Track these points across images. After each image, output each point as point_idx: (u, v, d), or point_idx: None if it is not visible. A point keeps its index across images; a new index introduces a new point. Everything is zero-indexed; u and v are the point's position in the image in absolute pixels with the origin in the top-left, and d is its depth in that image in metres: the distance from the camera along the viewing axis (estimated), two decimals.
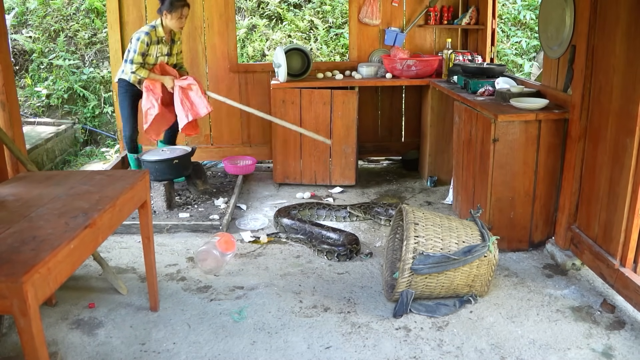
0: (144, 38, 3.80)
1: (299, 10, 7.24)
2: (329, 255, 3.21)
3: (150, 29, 3.85)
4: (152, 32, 3.85)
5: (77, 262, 1.84)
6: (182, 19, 3.84)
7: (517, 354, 2.33)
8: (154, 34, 3.85)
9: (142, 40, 3.80)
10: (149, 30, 3.84)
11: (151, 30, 3.85)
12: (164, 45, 3.93)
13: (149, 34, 3.83)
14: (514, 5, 7.29)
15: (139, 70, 3.83)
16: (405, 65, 4.40)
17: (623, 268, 2.64)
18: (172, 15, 3.80)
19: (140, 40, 3.80)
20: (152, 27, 3.87)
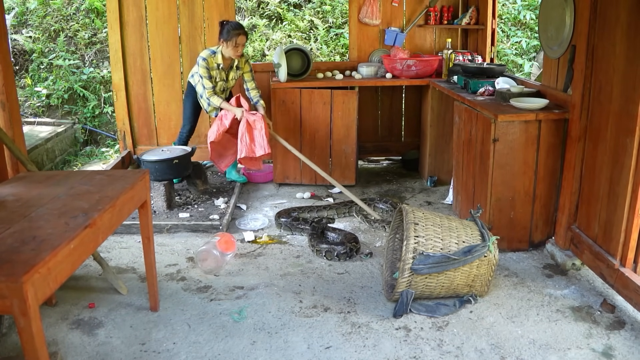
0: (201, 63, 3.95)
1: (299, 10, 7.24)
2: (328, 255, 3.21)
3: (209, 55, 3.98)
4: (210, 58, 3.98)
5: (77, 262, 1.84)
6: (237, 47, 3.92)
7: (517, 354, 2.33)
8: (211, 60, 3.98)
9: (202, 66, 3.94)
10: (206, 56, 3.96)
11: (209, 56, 3.98)
12: (223, 72, 4.02)
13: (206, 60, 3.96)
14: (514, 5, 7.29)
15: (212, 97, 3.97)
16: (405, 65, 4.40)
17: (623, 268, 2.64)
18: (227, 44, 3.90)
19: (200, 65, 3.95)
20: (212, 52, 3.99)
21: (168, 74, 4.76)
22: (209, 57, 3.96)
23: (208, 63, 3.95)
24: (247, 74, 4.16)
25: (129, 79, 4.73)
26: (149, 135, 4.89)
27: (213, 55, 3.98)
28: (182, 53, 4.73)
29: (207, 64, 3.95)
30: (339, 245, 3.23)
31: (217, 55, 3.98)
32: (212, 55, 3.97)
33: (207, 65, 3.95)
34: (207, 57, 3.95)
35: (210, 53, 3.98)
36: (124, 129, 4.80)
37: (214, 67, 3.98)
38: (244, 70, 4.14)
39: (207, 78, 3.95)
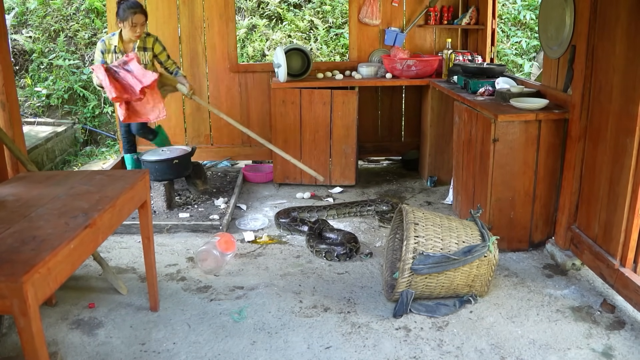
0: (99, 45, 3.83)
1: (299, 10, 7.24)
2: (327, 255, 3.21)
3: (108, 37, 3.83)
4: (108, 40, 3.81)
5: (77, 262, 1.84)
6: (135, 28, 3.70)
7: (517, 354, 2.33)
8: (108, 43, 3.81)
9: (97, 48, 3.83)
10: (105, 38, 3.83)
11: (108, 38, 3.82)
12: (121, 55, 3.77)
13: (104, 42, 3.81)
14: (514, 5, 7.29)
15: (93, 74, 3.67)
16: (405, 65, 4.40)
17: (623, 268, 2.64)
18: (124, 24, 3.70)
19: (97, 47, 3.84)
20: (111, 35, 3.83)
21: None
22: (108, 39, 3.80)
23: (105, 45, 3.79)
24: (162, 55, 3.94)
25: None
26: None
27: (111, 38, 3.80)
28: (182, 53, 4.73)
29: (104, 46, 3.79)
30: (338, 245, 3.23)
31: (114, 37, 3.78)
32: (110, 38, 3.80)
33: (104, 47, 3.79)
34: (106, 39, 3.80)
35: (110, 35, 3.82)
36: None
37: (110, 49, 3.80)
38: (156, 51, 3.91)
39: (97, 61, 3.77)
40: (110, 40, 3.81)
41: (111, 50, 3.81)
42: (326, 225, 3.55)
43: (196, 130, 4.92)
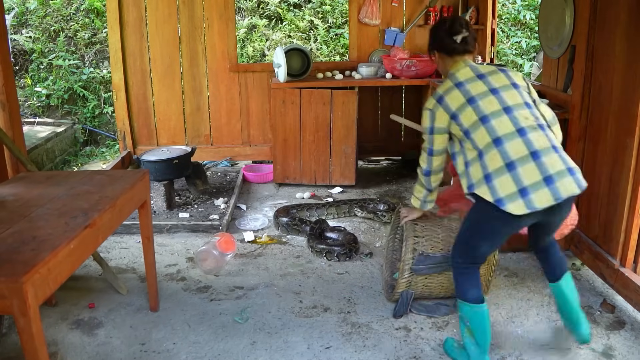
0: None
1: (299, 10, 7.24)
2: (328, 255, 3.21)
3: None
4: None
5: (77, 262, 1.84)
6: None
7: (517, 354, 2.33)
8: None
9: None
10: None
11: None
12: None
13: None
14: (514, 5, 7.29)
15: None
16: (405, 65, 4.40)
17: (623, 268, 2.64)
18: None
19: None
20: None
21: (168, 74, 4.76)
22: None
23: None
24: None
25: (129, 79, 4.73)
26: (148, 136, 4.88)
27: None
28: (182, 53, 4.73)
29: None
30: (338, 246, 3.23)
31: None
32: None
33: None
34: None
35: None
36: (124, 129, 4.79)
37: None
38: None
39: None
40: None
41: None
42: (327, 225, 3.55)
43: (196, 130, 4.92)
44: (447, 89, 2.19)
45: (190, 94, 4.83)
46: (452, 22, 2.25)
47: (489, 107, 2.06)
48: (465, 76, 2.18)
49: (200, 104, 4.86)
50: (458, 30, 2.22)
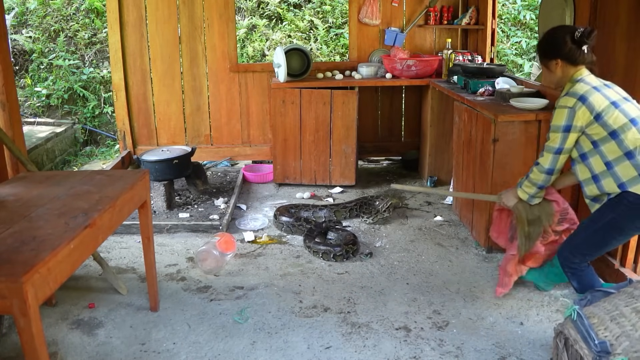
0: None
1: (299, 10, 7.24)
2: (324, 256, 3.21)
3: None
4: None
5: (77, 262, 1.84)
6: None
7: (517, 354, 2.33)
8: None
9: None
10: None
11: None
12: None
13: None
14: (514, 5, 7.29)
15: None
16: (405, 65, 4.40)
17: (623, 268, 2.64)
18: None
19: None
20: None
21: (168, 74, 4.76)
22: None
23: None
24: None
25: (129, 79, 4.73)
26: (148, 135, 4.89)
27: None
28: (182, 53, 4.73)
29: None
30: (336, 246, 3.23)
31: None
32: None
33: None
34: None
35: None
36: (124, 129, 4.79)
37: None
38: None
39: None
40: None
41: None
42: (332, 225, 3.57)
43: (196, 130, 4.92)
44: (587, 90, 2.19)
45: (190, 94, 4.83)
46: (583, 33, 2.25)
47: (632, 111, 2.15)
48: (596, 83, 2.22)
49: (200, 104, 4.86)
50: (587, 41, 2.25)
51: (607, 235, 2.20)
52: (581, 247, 2.26)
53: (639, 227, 2.18)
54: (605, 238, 2.21)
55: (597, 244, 2.23)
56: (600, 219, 2.20)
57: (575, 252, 2.27)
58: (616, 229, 2.17)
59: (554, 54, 2.30)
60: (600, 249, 2.26)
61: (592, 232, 2.23)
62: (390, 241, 3.49)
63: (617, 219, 2.15)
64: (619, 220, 2.15)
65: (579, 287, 2.33)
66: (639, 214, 2.11)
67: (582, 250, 2.26)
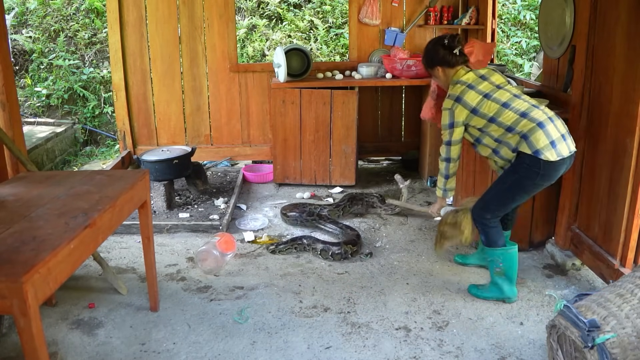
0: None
1: (299, 10, 7.24)
2: (322, 254, 3.22)
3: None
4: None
5: (77, 262, 1.84)
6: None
7: (517, 354, 2.33)
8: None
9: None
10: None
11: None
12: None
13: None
14: (514, 5, 7.29)
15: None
16: (405, 65, 4.40)
17: (623, 268, 2.64)
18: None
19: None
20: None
21: (168, 74, 4.76)
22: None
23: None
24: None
25: (129, 79, 4.73)
26: (149, 135, 4.89)
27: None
28: (182, 53, 4.73)
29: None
30: (334, 245, 3.24)
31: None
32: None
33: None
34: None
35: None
36: (124, 129, 4.79)
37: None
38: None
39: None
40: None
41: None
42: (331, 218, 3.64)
43: (196, 130, 4.92)
44: (462, 91, 2.62)
45: (190, 94, 4.83)
46: (450, 40, 2.67)
47: (503, 97, 2.56)
48: (472, 79, 2.64)
49: (200, 104, 4.86)
50: (455, 45, 2.66)
51: (512, 193, 2.58)
52: (491, 204, 2.63)
53: (537, 184, 2.53)
54: (510, 195, 2.59)
55: (504, 201, 2.61)
56: (506, 180, 2.58)
57: (486, 208, 2.63)
58: (519, 187, 2.54)
59: (434, 63, 2.75)
60: (507, 205, 2.63)
61: (499, 190, 2.61)
62: (390, 241, 3.49)
63: (519, 179, 2.52)
64: (521, 179, 2.52)
65: (485, 240, 2.68)
66: (536, 173, 2.46)
67: (491, 206, 2.62)
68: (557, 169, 2.48)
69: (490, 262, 2.71)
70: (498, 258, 2.67)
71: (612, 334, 1.81)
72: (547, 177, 2.49)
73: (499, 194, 2.62)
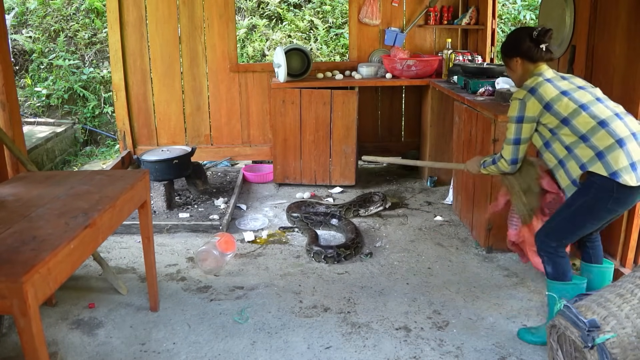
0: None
1: (299, 10, 7.24)
2: (316, 256, 3.22)
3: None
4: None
5: (77, 262, 1.84)
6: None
7: (517, 354, 2.33)
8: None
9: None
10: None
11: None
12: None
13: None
14: (514, 5, 7.29)
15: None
16: (405, 65, 4.40)
17: (623, 268, 2.64)
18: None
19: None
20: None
21: (168, 74, 4.76)
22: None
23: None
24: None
25: (129, 79, 4.73)
26: (149, 135, 4.89)
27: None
28: (182, 53, 4.73)
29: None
30: (329, 248, 3.24)
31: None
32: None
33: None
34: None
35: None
36: (124, 129, 4.80)
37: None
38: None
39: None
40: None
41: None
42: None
43: (196, 130, 4.92)
44: (538, 82, 2.31)
45: (190, 94, 4.83)
46: (540, 32, 2.36)
47: (583, 98, 2.24)
48: (551, 75, 2.34)
49: (200, 104, 4.86)
50: (545, 40, 2.36)
51: (580, 219, 2.28)
52: (556, 231, 2.32)
53: (610, 210, 2.23)
54: (579, 221, 2.29)
55: (572, 228, 2.31)
56: (573, 203, 2.28)
57: (551, 235, 2.33)
58: (588, 212, 2.25)
59: (514, 53, 2.44)
60: (575, 233, 2.33)
61: (566, 216, 2.31)
62: (390, 241, 3.49)
63: (588, 202, 2.23)
64: (591, 203, 2.22)
65: (552, 272, 2.36)
66: (608, 196, 2.17)
67: (557, 233, 2.32)
68: (635, 194, 2.16)
69: (552, 298, 2.32)
70: (565, 294, 2.28)
71: (612, 334, 1.81)
72: (622, 202, 2.18)
73: (566, 219, 2.31)
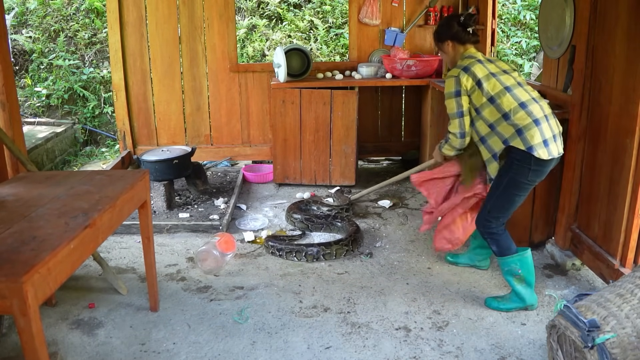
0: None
1: (299, 10, 7.24)
2: (297, 255, 3.22)
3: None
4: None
5: (77, 262, 1.84)
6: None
7: (517, 354, 2.33)
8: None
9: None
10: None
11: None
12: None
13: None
14: (514, 5, 7.29)
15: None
16: (405, 65, 4.40)
17: (623, 268, 2.64)
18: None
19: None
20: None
21: (168, 74, 4.76)
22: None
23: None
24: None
25: (129, 79, 4.73)
26: (149, 135, 4.89)
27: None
28: (182, 53, 4.73)
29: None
30: (312, 246, 3.23)
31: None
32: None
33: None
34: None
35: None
36: (124, 129, 4.79)
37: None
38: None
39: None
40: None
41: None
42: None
43: (196, 130, 4.92)
44: (471, 62, 2.59)
45: (190, 94, 4.83)
46: (466, 17, 2.67)
47: (507, 81, 2.54)
48: (481, 57, 2.63)
49: (200, 104, 4.86)
50: (470, 23, 2.67)
51: (509, 194, 2.55)
52: (492, 210, 2.59)
53: (530, 181, 2.51)
54: (509, 196, 2.56)
55: (505, 204, 2.58)
56: (500, 183, 2.55)
57: (489, 216, 2.60)
58: (514, 186, 2.52)
59: (446, 36, 2.72)
60: (508, 209, 2.60)
61: (497, 196, 2.58)
62: (390, 241, 3.49)
63: (511, 177, 2.51)
64: (513, 177, 2.50)
65: (497, 250, 2.62)
66: (527, 169, 2.46)
67: (493, 212, 2.59)
68: (547, 167, 2.50)
69: (507, 271, 2.62)
70: (515, 265, 2.59)
71: (612, 334, 1.81)
72: (538, 173, 2.50)
73: (497, 199, 2.58)
